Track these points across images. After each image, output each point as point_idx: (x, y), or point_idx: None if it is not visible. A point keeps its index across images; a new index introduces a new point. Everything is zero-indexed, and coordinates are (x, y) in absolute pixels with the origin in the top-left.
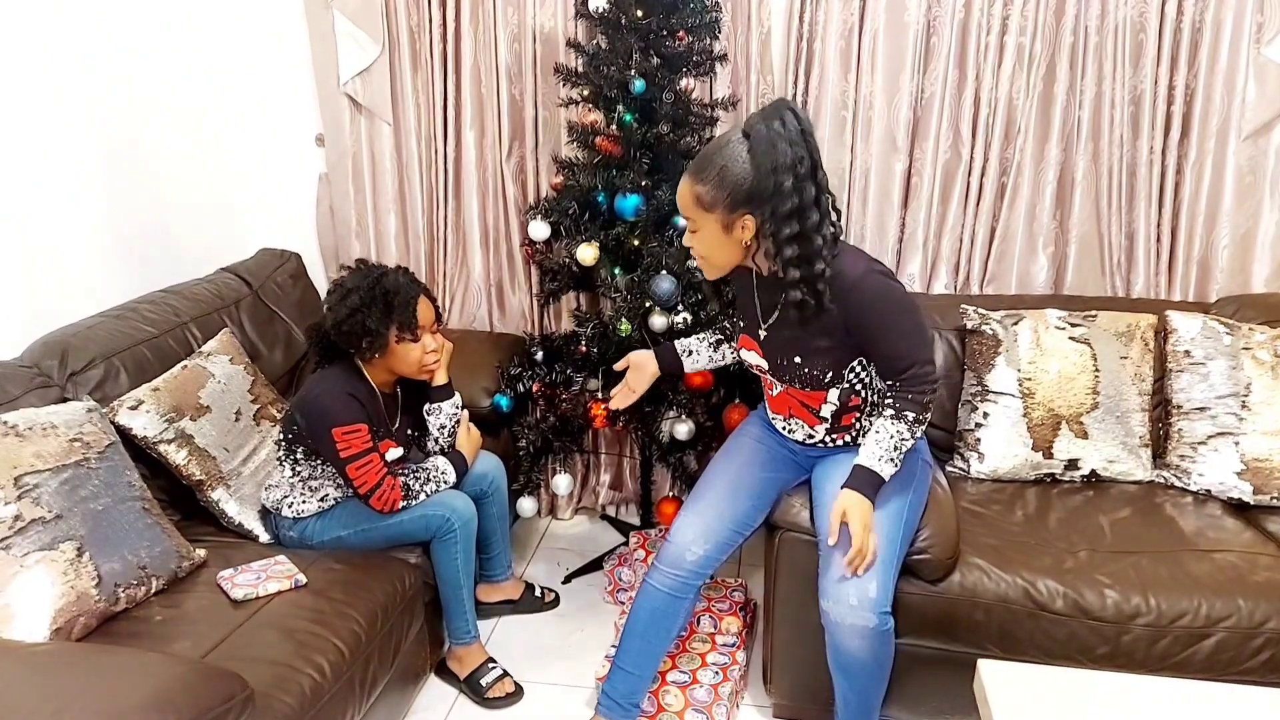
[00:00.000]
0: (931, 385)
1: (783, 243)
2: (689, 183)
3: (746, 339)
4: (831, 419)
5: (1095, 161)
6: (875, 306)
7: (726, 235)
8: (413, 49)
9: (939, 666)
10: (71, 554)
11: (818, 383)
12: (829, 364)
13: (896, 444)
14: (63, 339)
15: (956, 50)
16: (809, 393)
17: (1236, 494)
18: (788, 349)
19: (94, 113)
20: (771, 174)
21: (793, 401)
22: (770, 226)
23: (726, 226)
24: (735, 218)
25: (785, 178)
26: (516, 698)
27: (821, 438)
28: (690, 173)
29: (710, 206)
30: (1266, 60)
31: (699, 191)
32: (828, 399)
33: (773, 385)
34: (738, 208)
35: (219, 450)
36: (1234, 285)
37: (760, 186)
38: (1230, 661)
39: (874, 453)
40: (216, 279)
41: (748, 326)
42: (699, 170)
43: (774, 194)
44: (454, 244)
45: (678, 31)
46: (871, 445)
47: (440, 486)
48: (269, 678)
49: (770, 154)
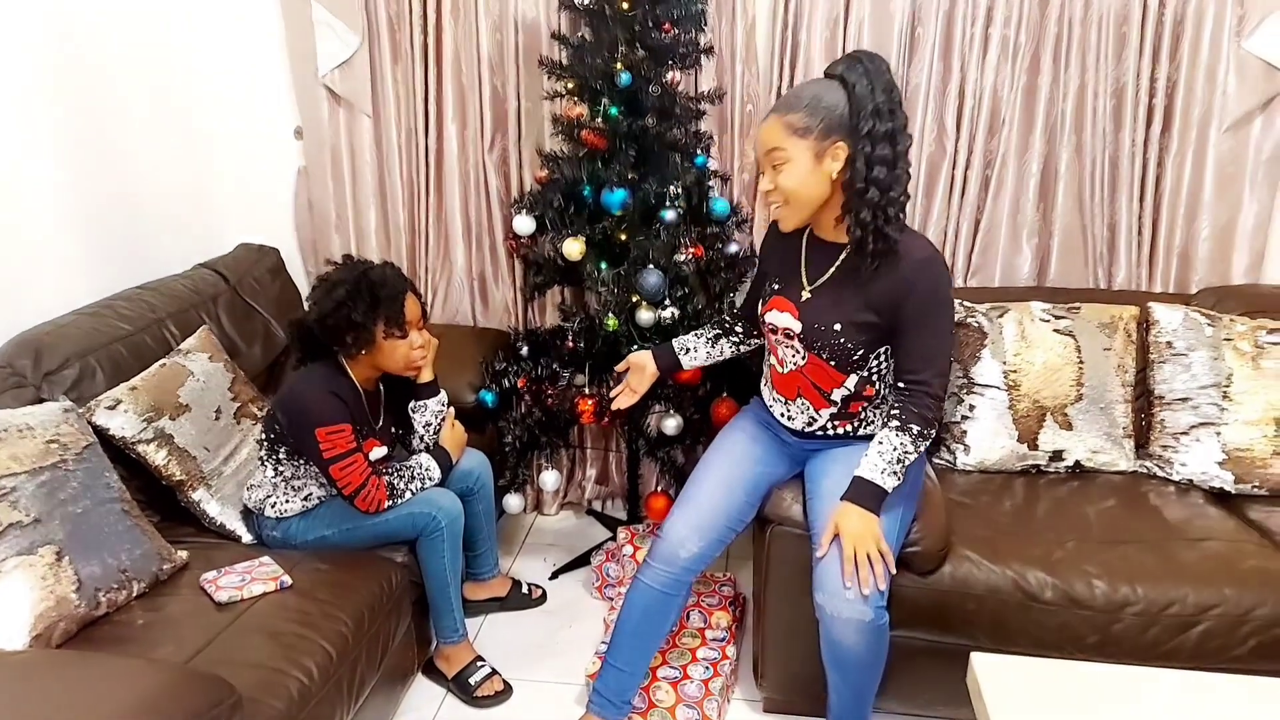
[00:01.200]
0: (938, 402)
1: (875, 163)
2: (776, 117)
3: (781, 300)
4: (841, 402)
5: (1078, 154)
6: (932, 295)
7: (817, 165)
8: (392, 39)
9: (930, 658)
10: (50, 558)
11: (846, 359)
12: (864, 341)
13: (900, 456)
14: (36, 338)
15: (941, 41)
16: (831, 370)
17: (1218, 483)
18: (830, 314)
19: (64, 105)
20: (870, 96)
21: (804, 381)
22: (864, 149)
23: (818, 155)
24: (828, 144)
25: (882, 99)
26: (505, 696)
27: (824, 424)
28: (777, 110)
29: (803, 133)
30: (1246, 53)
31: (790, 120)
32: (844, 384)
33: (784, 362)
34: (831, 133)
35: (199, 450)
36: (1214, 276)
37: (855, 109)
38: (1219, 649)
39: (876, 465)
40: (194, 275)
41: (786, 289)
42: (788, 105)
43: (874, 115)
44: (436, 237)
45: (663, 23)
46: (874, 457)
47: (425, 484)
48: (256, 682)
49: (864, 82)
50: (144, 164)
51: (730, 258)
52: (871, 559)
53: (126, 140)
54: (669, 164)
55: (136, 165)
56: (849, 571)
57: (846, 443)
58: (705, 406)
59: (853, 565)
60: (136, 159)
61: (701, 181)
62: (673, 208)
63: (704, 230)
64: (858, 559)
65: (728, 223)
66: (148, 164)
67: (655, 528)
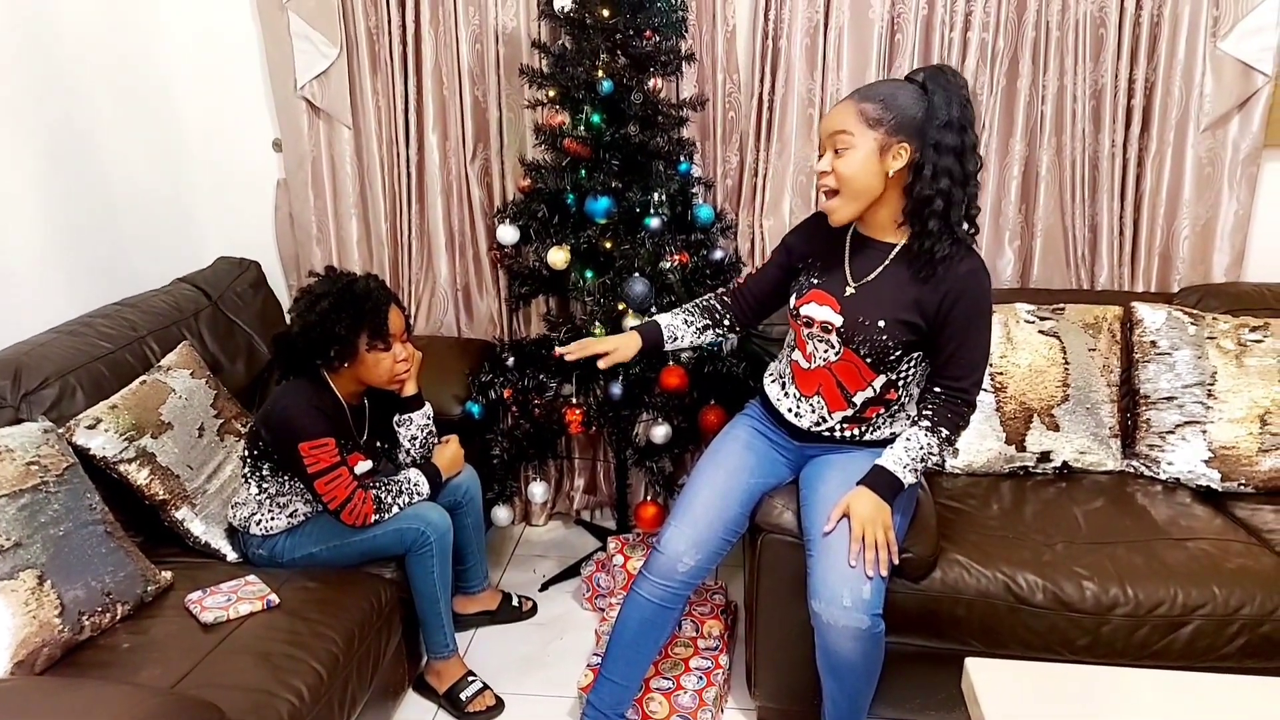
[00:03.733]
0: (971, 411)
1: (941, 174)
2: (852, 102)
3: (821, 294)
4: (860, 405)
5: (1059, 155)
6: (978, 304)
7: (878, 160)
8: (371, 50)
9: (922, 663)
10: (32, 583)
11: (883, 357)
12: (904, 342)
13: (924, 456)
14: (14, 357)
15: (921, 46)
16: (864, 368)
17: (1205, 482)
18: (874, 311)
19: (40, 120)
20: (946, 107)
21: (829, 379)
22: (932, 158)
23: (883, 149)
24: (895, 141)
25: (955, 113)
26: (497, 711)
27: (834, 424)
28: (855, 94)
29: (874, 124)
30: (1223, 54)
31: (864, 108)
32: (872, 383)
33: (812, 357)
34: (899, 132)
35: (182, 468)
36: (1195, 275)
37: (930, 117)
38: (1208, 648)
39: (900, 459)
40: (173, 290)
41: (827, 283)
42: (865, 93)
43: (945, 126)
44: (418, 249)
45: (644, 31)
46: (899, 452)
47: (413, 499)
48: (245, 705)
49: (942, 93)
50: (122, 178)
51: (715, 264)
52: (878, 543)
53: (104, 154)
54: (652, 172)
55: (114, 179)
56: (854, 550)
57: (846, 449)
58: (693, 415)
59: (859, 545)
60: (114, 173)
61: (685, 189)
62: (657, 215)
63: (689, 237)
64: (865, 541)
65: (712, 229)
66: (125, 178)
67: (645, 537)
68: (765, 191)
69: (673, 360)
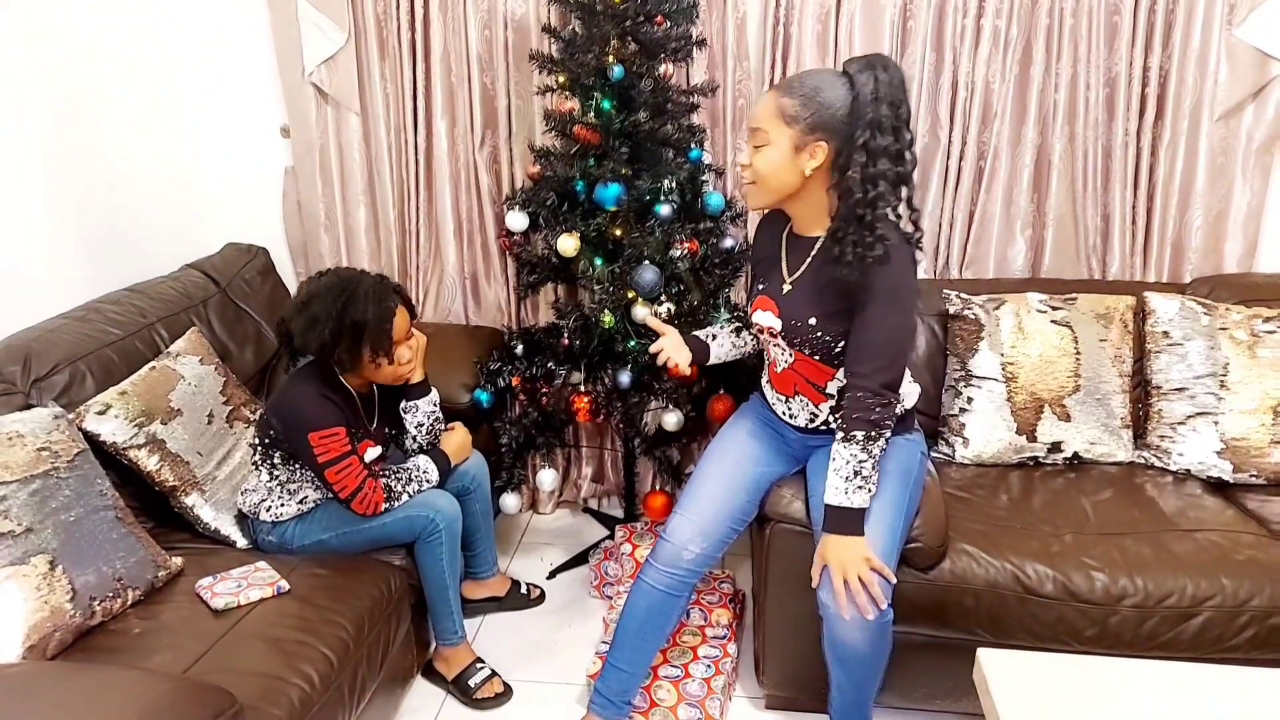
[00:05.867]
0: (880, 399)
1: (877, 178)
2: (775, 94)
3: (764, 299)
4: (838, 394)
5: (1071, 144)
6: (882, 284)
7: (794, 156)
8: (380, 36)
9: (930, 652)
10: (44, 568)
11: (828, 351)
12: (841, 333)
13: (856, 468)
14: (24, 343)
15: (933, 33)
16: (818, 365)
17: (1216, 473)
18: (805, 309)
19: (49, 107)
20: (872, 105)
21: (798, 378)
22: (859, 159)
23: (798, 147)
24: (811, 140)
25: (886, 114)
26: (505, 698)
27: (825, 418)
28: (778, 87)
29: (790, 121)
30: (1238, 41)
31: (784, 103)
32: (835, 375)
33: (778, 362)
34: (817, 130)
35: (192, 454)
36: (1207, 266)
37: (856, 117)
38: (1216, 640)
39: (836, 486)
40: (182, 276)
41: (770, 286)
42: (789, 85)
43: (873, 126)
44: (426, 236)
45: (655, 16)
46: (832, 478)
47: (423, 486)
48: (256, 690)
49: (870, 90)
50: (130, 164)
51: (725, 252)
52: (866, 582)
53: (112, 141)
54: (662, 159)
55: (122, 166)
56: (843, 604)
57: None
58: (702, 404)
59: (844, 597)
60: (122, 160)
61: (695, 176)
62: (667, 203)
63: (699, 225)
64: (850, 586)
65: (722, 217)
66: (134, 164)
67: (653, 526)
68: None
69: None
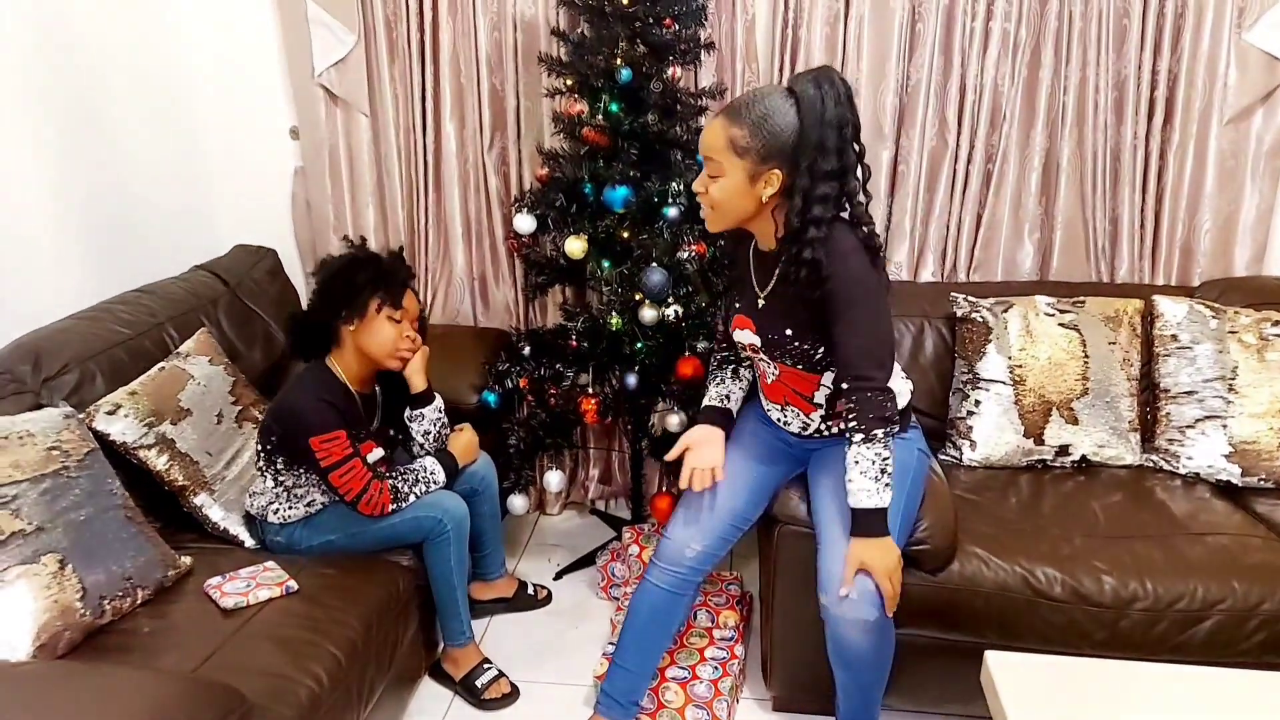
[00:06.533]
0: (886, 394)
1: (815, 202)
2: (723, 124)
3: (741, 318)
4: (826, 405)
5: (1080, 147)
6: (850, 287)
7: (749, 186)
8: (389, 38)
9: (938, 655)
10: (54, 567)
11: (810, 361)
12: (819, 339)
13: (882, 467)
14: (35, 342)
15: (942, 36)
16: (803, 374)
17: (1225, 476)
18: (780, 322)
19: (58, 108)
20: (818, 128)
21: (787, 390)
22: (803, 183)
23: (753, 177)
24: (765, 169)
25: (831, 136)
26: (513, 698)
27: (818, 426)
28: (726, 114)
29: (742, 152)
30: (1247, 45)
31: (734, 134)
32: (822, 382)
33: (766, 374)
34: (770, 159)
35: (201, 454)
36: (1216, 269)
37: (803, 142)
38: (1227, 643)
39: (864, 487)
40: (192, 277)
41: (745, 304)
42: (737, 113)
43: (817, 150)
44: (435, 237)
45: (664, 19)
46: (859, 480)
47: (430, 487)
48: (265, 689)
49: (818, 111)
50: (139, 166)
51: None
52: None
53: (121, 142)
54: (671, 161)
55: (131, 167)
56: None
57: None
58: None
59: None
60: (131, 161)
61: None
62: (675, 205)
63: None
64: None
65: None
66: (143, 166)
67: (660, 528)
68: None
69: (688, 349)
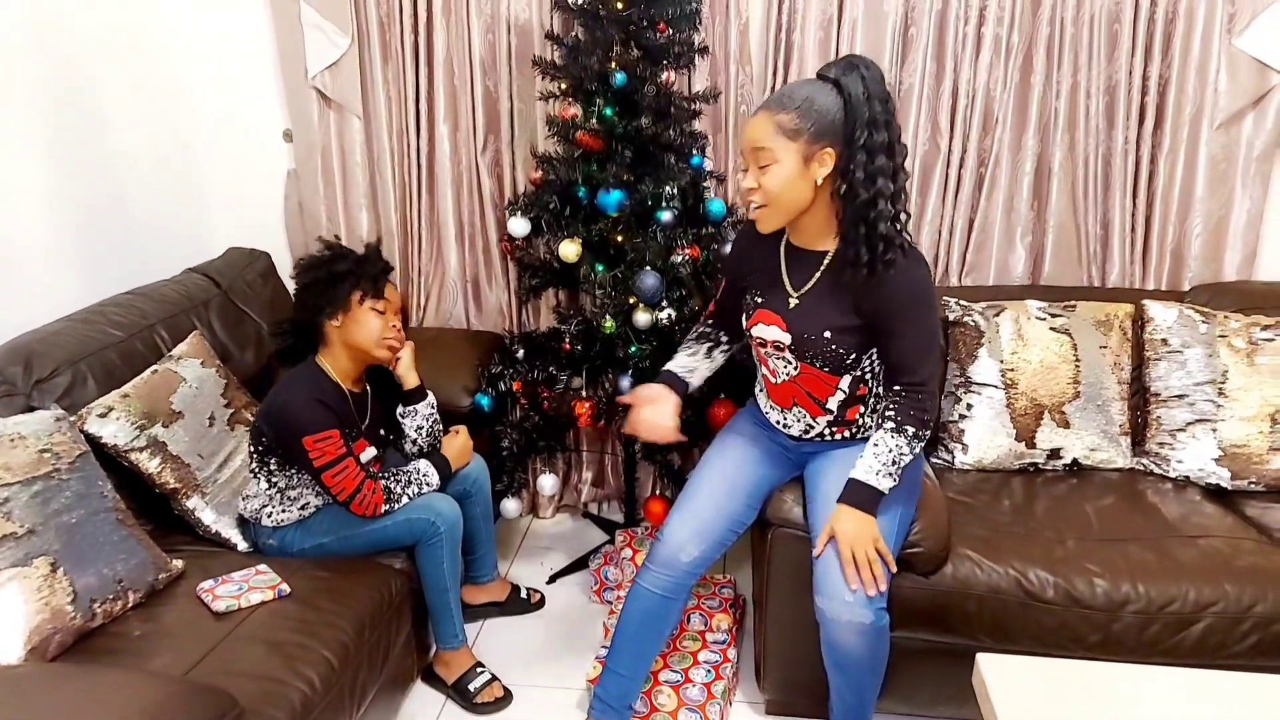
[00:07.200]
0: (933, 400)
1: (875, 175)
2: (767, 114)
3: (766, 314)
4: (837, 410)
5: (1071, 152)
6: (911, 294)
7: (804, 169)
8: (383, 40)
9: (932, 658)
10: (45, 570)
11: (839, 364)
12: (854, 344)
13: (895, 458)
14: (26, 345)
15: (934, 41)
16: (825, 376)
17: (1215, 480)
18: (818, 323)
19: (50, 110)
20: (864, 104)
21: (798, 391)
22: (860, 158)
23: (806, 159)
24: (818, 149)
25: (877, 109)
26: (506, 702)
27: (821, 430)
28: (767, 106)
29: (794, 135)
30: (1238, 51)
31: (781, 120)
32: (839, 386)
33: (776, 373)
34: (822, 137)
35: (193, 457)
36: (1207, 273)
37: (852, 116)
38: (1219, 646)
39: (871, 466)
40: (184, 279)
41: (770, 300)
42: (779, 101)
43: (868, 124)
44: (428, 240)
45: (658, 23)
46: (869, 459)
47: (423, 489)
48: (257, 693)
49: (860, 88)
50: (132, 168)
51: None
52: (870, 560)
53: (114, 144)
54: (664, 165)
55: (124, 169)
56: (850, 575)
57: (845, 444)
58: (702, 408)
59: (852, 568)
60: (124, 163)
61: (697, 182)
62: (669, 209)
63: (700, 231)
64: (857, 561)
65: (724, 224)
66: (136, 168)
67: (654, 531)
68: None
69: None
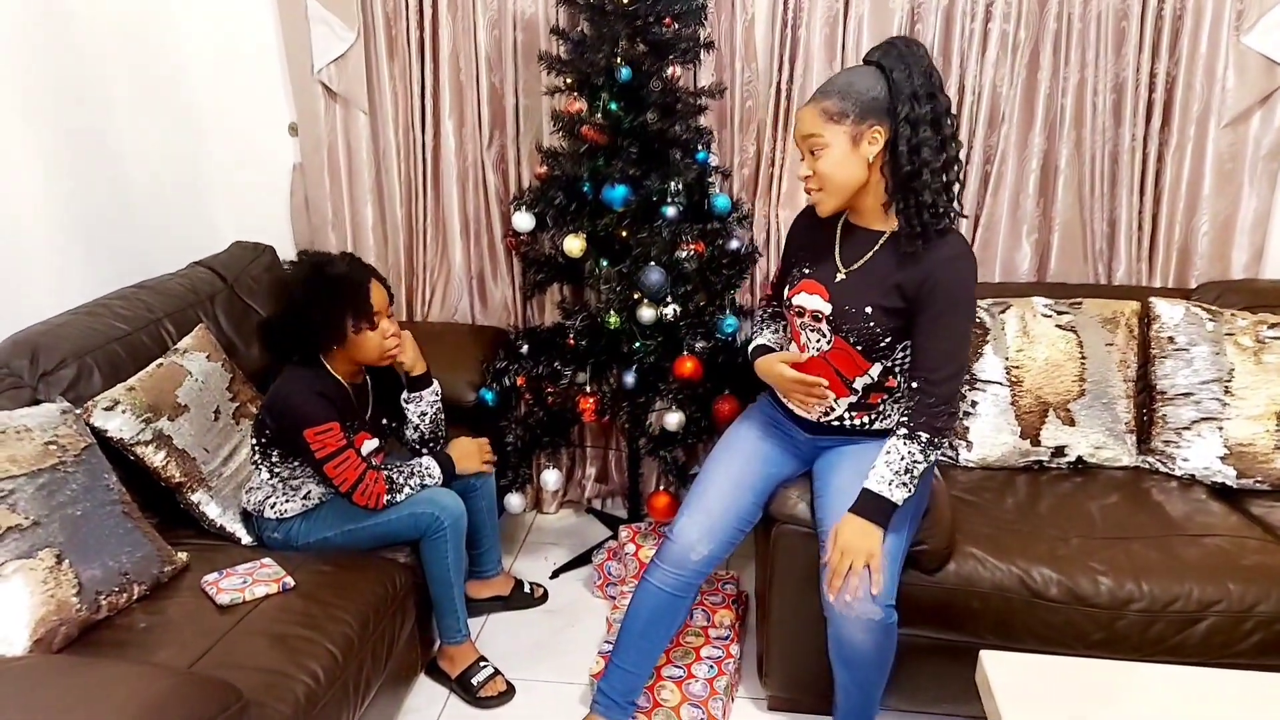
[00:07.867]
0: (949, 407)
1: (921, 145)
2: (812, 105)
3: (811, 283)
4: (863, 391)
5: (1078, 149)
6: (952, 293)
7: (854, 149)
8: (389, 35)
9: (935, 655)
10: (51, 562)
11: (873, 344)
12: (893, 328)
13: (908, 466)
14: (32, 338)
15: (941, 37)
16: (857, 356)
17: (1220, 478)
18: (862, 297)
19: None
20: (908, 80)
21: (828, 368)
22: (905, 133)
23: (855, 138)
24: (865, 128)
25: (921, 82)
26: (509, 696)
27: (841, 413)
28: (813, 98)
29: (839, 117)
30: (1246, 48)
31: (825, 106)
32: (869, 372)
33: (806, 347)
34: (868, 116)
35: (198, 450)
36: (1213, 271)
37: (896, 93)
38: (1223, 645)
39: (884, 475)
40: (189, 273)
41: (818, 272)
42: (823, 90)
43: (912, 99)
44: (434, 235)
45: (664, 18)
46: (881, 469)
47: (426, 482)
48: (261, 685)
49: (903, 66)
50: (138, 162)
51: (731, 254)
52: (856, 572)
53: (120, 138)
54: (669, 160)
55: (130, 163)
56: (833, 584)
57: (858, 440)
58: (707, 404)
59: (839, 577)
60: (130, 157)
61: (702, 178)
62: (674, 204)
63: (705, 226)
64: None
65: (729, 219)
66: (142, 162)
67: (657, 526)
68: (782, 181)
69: (686, 349)
